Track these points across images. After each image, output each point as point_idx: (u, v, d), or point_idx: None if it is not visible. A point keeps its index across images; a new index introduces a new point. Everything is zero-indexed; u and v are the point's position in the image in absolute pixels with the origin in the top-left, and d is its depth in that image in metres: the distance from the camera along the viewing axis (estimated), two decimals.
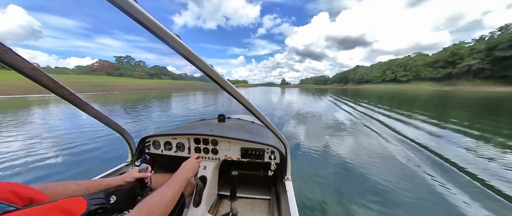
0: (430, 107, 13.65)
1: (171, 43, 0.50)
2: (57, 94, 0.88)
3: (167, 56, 0.53)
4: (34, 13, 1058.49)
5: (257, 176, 1.82)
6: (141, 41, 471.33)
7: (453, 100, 20.73)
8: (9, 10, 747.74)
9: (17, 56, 0.67)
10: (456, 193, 2.65)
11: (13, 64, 0.67)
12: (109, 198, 0.85)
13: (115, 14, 0.41)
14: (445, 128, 6.58)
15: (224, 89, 0.71)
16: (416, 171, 3.30)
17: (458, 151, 4.34)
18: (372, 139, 5.31)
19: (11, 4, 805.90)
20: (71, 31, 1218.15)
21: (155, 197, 0.68)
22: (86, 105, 1.03)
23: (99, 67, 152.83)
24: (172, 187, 0.77)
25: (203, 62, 0.58)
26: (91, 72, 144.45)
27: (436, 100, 19.99)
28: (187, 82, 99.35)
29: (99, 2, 0.37)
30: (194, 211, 1.28)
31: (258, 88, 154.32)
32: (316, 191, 2.66)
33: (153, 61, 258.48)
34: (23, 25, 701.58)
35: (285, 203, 1.24)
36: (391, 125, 7.02)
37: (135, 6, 0.40)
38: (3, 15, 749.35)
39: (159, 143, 1.63)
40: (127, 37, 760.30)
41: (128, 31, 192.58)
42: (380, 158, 3.88)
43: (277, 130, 1.17)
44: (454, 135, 5.69)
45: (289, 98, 22.16)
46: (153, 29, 0.45)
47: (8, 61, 0.65)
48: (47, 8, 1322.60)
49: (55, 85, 0.84)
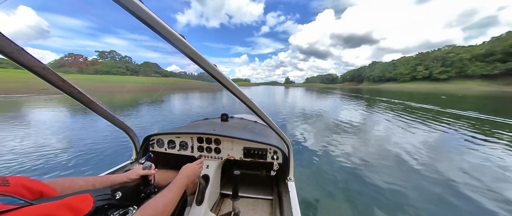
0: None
1: (175, 43, 0.50)
2: (66, 92, 0.90)
3: (170, 55, 0.53)
4: (42, 14, 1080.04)
5: (259, 176, 1.82)
6: (145, 40, 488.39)
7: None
8: (19, 11, 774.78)
9: (28, 55, 0.70)
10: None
11: (25, 63, 0.70)
12: (115, 193, 0.87)
13: (119, 14, 0.41)
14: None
15: (227, 88, 0.71)
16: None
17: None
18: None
19: (21, 5, 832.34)
20: (78, 30, 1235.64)
21: (158, 200, 0.72)
22: (93, 103, 1.06)
23: (70, 62, 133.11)
24: (173, 191, 0.83)
25: (206, 62, 0.59)
26: (58, 68, 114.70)
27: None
28: (181, 80, 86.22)
29: (105, 3, 0.37)
30: (197, 209, 1.29)
31: (260, 87, 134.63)
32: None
33: (156, 60, 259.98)
34: (32, 25, 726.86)
35: (287, 204, 1.24)
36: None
37: (140, 6, 0.41)
38: (14, 15, 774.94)
39: (163, 142, 1.65)
40: (132, 36, 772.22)
41: (133, 30, 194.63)
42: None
43: (280, 130, 1.16)
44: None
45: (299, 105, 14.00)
46: (158, 29, 0.45)
47: (20, 60, 0.68)
48: (55, 8, 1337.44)
49: (64, 83, 0.87)
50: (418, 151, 4.45)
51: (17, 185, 0.51)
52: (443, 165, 3.76)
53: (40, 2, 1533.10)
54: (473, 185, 3.04)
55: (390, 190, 2.83)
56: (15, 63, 0.68)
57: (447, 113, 10.24)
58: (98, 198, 0.60)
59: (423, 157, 4.11)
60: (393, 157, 4.11)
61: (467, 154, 4.39)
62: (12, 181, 0.51)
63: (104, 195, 0.66)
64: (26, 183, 0.53)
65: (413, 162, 3.85)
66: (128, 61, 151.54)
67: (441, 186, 2.98)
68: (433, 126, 7.16)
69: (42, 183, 0.59)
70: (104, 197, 0.66)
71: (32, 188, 0.54)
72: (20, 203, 0.44)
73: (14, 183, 0.50)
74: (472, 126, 7.14)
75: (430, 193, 2.81)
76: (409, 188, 2.89)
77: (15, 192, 0.48)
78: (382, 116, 9.45)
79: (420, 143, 5.04)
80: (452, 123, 7.63)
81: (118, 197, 0.87)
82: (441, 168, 3.59)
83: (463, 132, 6.33)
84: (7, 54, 0.65)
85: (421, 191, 2.85)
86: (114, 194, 0.87)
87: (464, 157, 4.21)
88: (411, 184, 3.02)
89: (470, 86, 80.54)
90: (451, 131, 6.43)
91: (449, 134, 6.10)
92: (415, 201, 2.58)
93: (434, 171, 3.48)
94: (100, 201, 0.61)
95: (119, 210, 0.69)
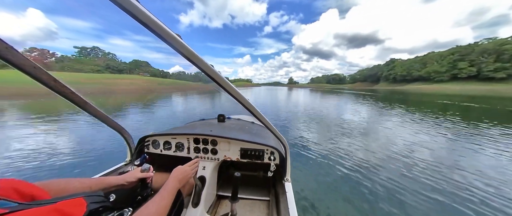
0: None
1: (171, 43, 0.50)
2: (58, 93, 0.88)
3: (173, 56, 0.53)
4: (50, 16, 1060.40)
5: (256, 177, 1.82)
6: (149, 41, 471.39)
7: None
8: (28, 14, 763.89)
9: (18, 54, 0.67)
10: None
11: (14, 61, 0.67)
12: (108, 196, 0.85)
13: (124, 15, 0.41)
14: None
15: (224, 89, 0.71)
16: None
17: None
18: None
19: (30, 8, 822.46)
20: (85, 32, 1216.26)
21: (150, 208, 0.71)
22: (86, 104, 1.03)
23: (35, 58, 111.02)
24: (164, 196, 0.80)
25: (203, 62, 0.58)
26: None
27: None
28: (168, 81, 78.87)
29: (108, 5, 0.37)
30: (193, 211, 1.27)
31: (262, 88, 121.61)
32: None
33: (160, 61, 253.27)
34: (41, 27, 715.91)
35: (284, 205, 1.24)
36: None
37: (135, 5, 0.41)
38: (24, 18, 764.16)
39: (158, 143, 1.63)
40: (136, 38, 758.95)
41: (137, 31, 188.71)
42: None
43: (277, 131, 1.17)
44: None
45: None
46: (153, 28, 0.45)
47: (9, 58, 0.65)
48: (62, 10, 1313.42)
49: (56, 83, 0.84)
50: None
51: (7, 188, 0.50)
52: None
53: (48, 4, 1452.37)
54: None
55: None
56: (4, 62, 0.65)
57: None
58: (92, 201, 0.59)
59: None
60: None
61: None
62: (2, 184, 0.49)
63: (97, 198, 0.65)
64: (16, 186, 0.52)
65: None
66: (111, 58, 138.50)
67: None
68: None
69: (34, 186, 0.57)
70: (97, 199, 0.64)
71: (22, 191, 0.52)
72: (9, 207, 0.43)
73: (3, 186, 0.49)
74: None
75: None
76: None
77: (5, 195, 0.47)
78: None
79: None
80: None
81: (112, 199, 0.85)
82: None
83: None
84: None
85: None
86: (108, 196, 0.85)
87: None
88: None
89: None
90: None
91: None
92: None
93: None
94: (93, 203, 0.60)
95: (113, 212, 0.68)
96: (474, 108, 14.17)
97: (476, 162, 4.10)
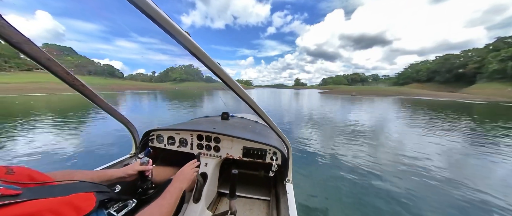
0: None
1: (180, 40, 0.51)
2: (69, 84, 0.91)
3: (179, 57, 0.55)
4: (58, 18, 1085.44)
5: (257, 176, 1.82)
6: (155, 43, 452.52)
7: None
8: (37, 16, 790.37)
9: (35, 46, 0.71)
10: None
11: (31, 53, 0.71)
12: (113, 187, 0.87)
13: (131, 16, 0.41)
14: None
15: (230, 87, 0.72)
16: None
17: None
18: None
19: (38, 10, 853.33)
20: (92, 34, 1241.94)
21: (154, 211, 0.69)
22: (96, 97, 1.07)
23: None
24: (168, 199, 0.78)
25: (210, 60, 0.59)
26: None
27: None
28: (126, 82, 65.01)
29: (118, 5, 0.38)
30: (194, 206, 1.29)
31: (264, 90, 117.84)
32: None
33: (166, 63, 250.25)
34: (49, 28, 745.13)
35: (284, 205, 1.24)
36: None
37: (149, 4, 0.42)
38: (33, 20, 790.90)
39: (162, 137, 1.66)
40: (142, 39, 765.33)
41: (143, 33, 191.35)
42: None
43: (280, 131, 1.17)
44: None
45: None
46: (164, 25, 0.46)
47: (26, 50, 0.69)
48: (70, 13, 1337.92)
49: (68, 76, 0.88)
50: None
51: (22, 174, 0.52)
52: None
53: (56, 6, 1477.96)
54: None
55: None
56: (21, 53, 0.69)
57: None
58: (100, 196, 0.61)
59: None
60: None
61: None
62: (17, 170, 0.52)
63: (105, 193, 0.67)
64: (29, 173, 0.55)
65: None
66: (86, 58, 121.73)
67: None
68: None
69: (46, 175, 0.60)
70: (104, 193, 0.67)
71: (35, 178, 0.55)
72: (22, 189, 0.46)
73: (18, 172, 0.52)
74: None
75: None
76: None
77: (20, 180, 0.50)
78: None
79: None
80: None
81: (117, 190, 0.88)
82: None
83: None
84: (14, 44, 0.66)
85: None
86: (113, 187, 0.88)
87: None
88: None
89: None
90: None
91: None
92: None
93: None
94: (101, 194, 0.62)
95: (118, 203, 0.70)
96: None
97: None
